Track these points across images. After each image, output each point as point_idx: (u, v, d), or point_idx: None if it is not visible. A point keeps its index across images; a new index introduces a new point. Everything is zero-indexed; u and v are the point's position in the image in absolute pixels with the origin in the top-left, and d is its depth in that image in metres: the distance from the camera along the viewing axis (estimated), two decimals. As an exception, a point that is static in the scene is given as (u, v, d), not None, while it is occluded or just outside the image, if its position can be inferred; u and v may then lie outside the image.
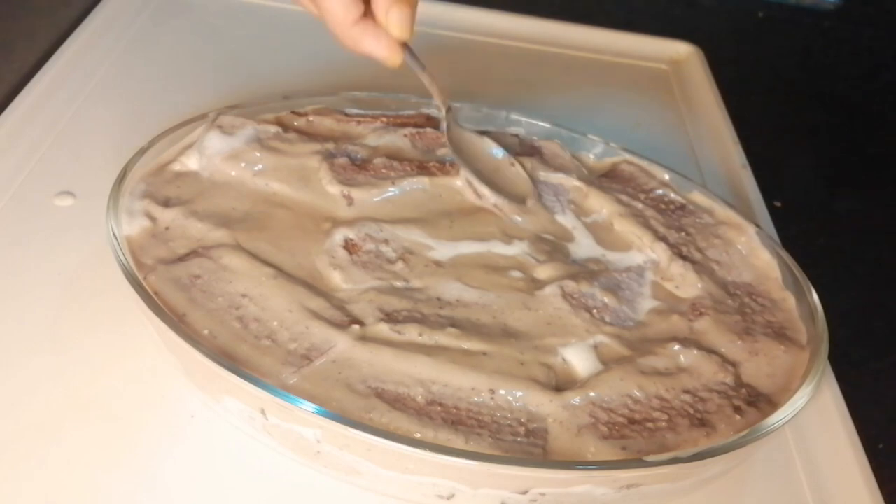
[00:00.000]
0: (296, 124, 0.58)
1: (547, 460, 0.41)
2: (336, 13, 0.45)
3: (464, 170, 0.53)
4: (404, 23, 0.46)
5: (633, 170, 0.59)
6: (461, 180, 0.54)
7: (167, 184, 0.52)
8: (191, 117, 0.55)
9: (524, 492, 0.40)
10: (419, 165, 0.56)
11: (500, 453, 0.40)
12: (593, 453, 0.41)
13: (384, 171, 0.54)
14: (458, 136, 0.55)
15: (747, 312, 0.50)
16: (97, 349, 0.48)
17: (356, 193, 0.52)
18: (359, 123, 0.59)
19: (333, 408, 0.40)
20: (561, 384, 0.44)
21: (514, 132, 0.61)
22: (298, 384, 0.41)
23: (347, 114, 0.60)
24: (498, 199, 0.53)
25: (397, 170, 0.55)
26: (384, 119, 0.60)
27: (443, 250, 0.50)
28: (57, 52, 0.70)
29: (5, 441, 0.43)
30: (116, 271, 0.44)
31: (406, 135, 0.58)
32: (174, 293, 0.45)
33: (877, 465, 0.49)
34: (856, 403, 0.52)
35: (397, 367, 0.43)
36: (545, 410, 0.42)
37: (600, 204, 0.55)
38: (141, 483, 0.42)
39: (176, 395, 0.46)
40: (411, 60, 0.49)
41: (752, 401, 0.45)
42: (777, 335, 0.49)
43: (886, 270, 0.77)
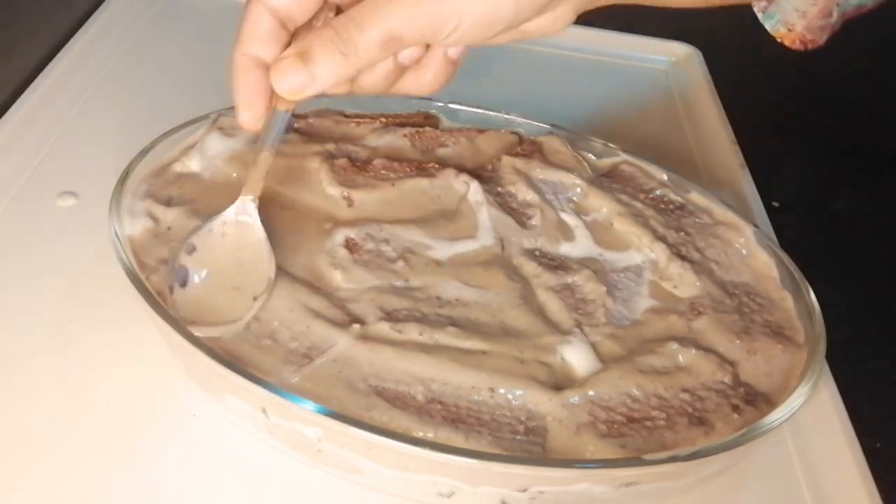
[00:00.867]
0: (296, 126, 0.58)
1: (546, 458, 0.41)
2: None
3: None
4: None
5: (633, 170, 0.59)
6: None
7: (169, 184, 0.52)
8: (192, 118, 0.55)
9: (523, 490, 0.40)
10: (418, 166, 0.56)
11: (500, 451, 0.40)
12: (592, 451, 0.41)
13: (384, 173, 0.55)
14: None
15: (745, 312, 0.50)
16: (99, 349, 0.48)
17: (356, 195, 0.53)
18: (358, 125, 0.59)
19: (334, 406, 0.40)
20: (560, 383, 0.44)
21: (515, 130, 0.62)
22: (299, 383, 0.42)
23: (346, 115, 0.60)
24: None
25: (397, 171, 0.55)
26: (383, 119, 0.60)
27: (442, 249, 0.50)
28: (59, 54, 0.70)
29: (7, 441, 0.43)
30: (119, 271, 0.44)
31: (405, 135, 0.59)
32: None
33: (874, 464, 0.49)
34: (854, 402, 0.52)
35: (397, 366, 0.43)
36: (544, 409, 0.42)
37: (600, 203, 0.55)
38: (143, 482, 0.42)
39: (178, 395, 0.46)
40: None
41: (750, 400, 0.45)
42: (775, 334, 0.49)
43: (884, 270, 0.77)
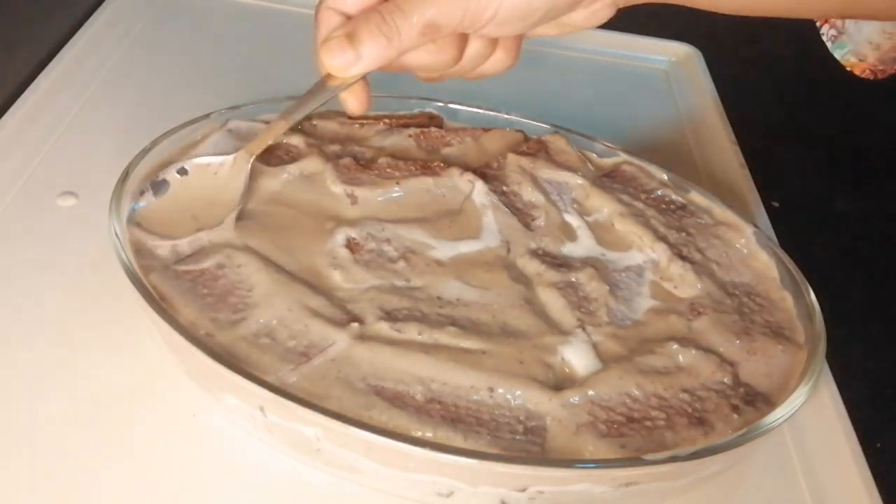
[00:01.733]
0: (301, 128, 0.58)
1: (545, 458, 0.41)
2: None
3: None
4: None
5: (635, 170, 0.59)
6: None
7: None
8: (192, 118, 0.55)
9: (523, 489, 0.40)
10: (423, 165, 0.56)
11: (499, 451, 0.40)
12: (592, 451, 0.41)
13: (389, 171, 0.55)
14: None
15: (745, 312, 0.50)
16: (98, 348, 0.48)
17: (360, 192, 0.53)
18: (361, 126, 0.59)
19: (333, 405, 0.40)
20: (560, 383, 0.44)
21: (518, 129, 0.62)
22: (298, 382, 0.42)
23: (350, 116, 0.60)
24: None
25: (402, 169, 0.55)
26: (387, 121, 0.60)
27: (443, 249, 0.50)
28: (60, 53, 0.70)
29: (7, 441, 0.43)
30: (119, 271, 0.44)
31: (410, 135, 0.59)
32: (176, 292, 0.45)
33: (874, 464, 0.49)
34: (853, 403, 0.52)
35: (397, 365, 0.43)
36: (544, 409, 0.42)
37: (601, 203, 0.55)
38: (141, 481, 0.42)
39: (177, 394, 0.46)
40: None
41: (750, 400, 0.45)
42: (775, 335, 0.49)
43: (884, 270, 0.77)
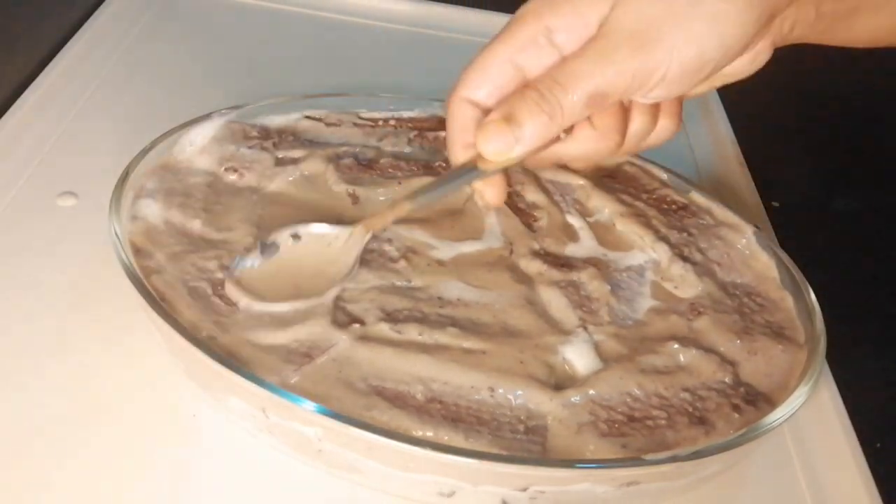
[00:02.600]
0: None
1: (547, 458, 0.41)
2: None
3: None
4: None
5: (636, 170, 0.60)
6: None
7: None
8: (192, 118, 0.55)
9: (524, 489, 0.40)
10: (425, 166, 0.56)
11: (500, 451, 0.40)
12: (593, 451, 0.41)
13: (390, 171, 0.55)
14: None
15: (746, 312, 0.50)
16: (99, 349, 0.48)
17: (362, 192, 0.53)
18: (373, 127, 0.59)
19: (334, 406, 0.40)
20: (560, 382, 0.44)
21: None
22: (299, 383, 0.42)
23: (361, 118, 0.60)
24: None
25: (404, 170, 0.55)
26: (391, 123, 0.60)
27: (445, 250, 0.50)
28: (60, 53, 0.70)
29: (6, 441, 0.43)
30: (119, 271, 0.44)
31: (413, 137, 0.59)
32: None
33: (874, 464, 0.49)
34: (853, 402, 0.53)
35: (397, 366, 0.43)
36: (545, 408, 0.42)
37: (603, 203, 0.55)
38: (142, 482, 0.42)
39: (177, 394, 0.46)
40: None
41: (751, 399, 0.45)
42: (775, 334, 0.49)
43: (884, 270, 0.77)
